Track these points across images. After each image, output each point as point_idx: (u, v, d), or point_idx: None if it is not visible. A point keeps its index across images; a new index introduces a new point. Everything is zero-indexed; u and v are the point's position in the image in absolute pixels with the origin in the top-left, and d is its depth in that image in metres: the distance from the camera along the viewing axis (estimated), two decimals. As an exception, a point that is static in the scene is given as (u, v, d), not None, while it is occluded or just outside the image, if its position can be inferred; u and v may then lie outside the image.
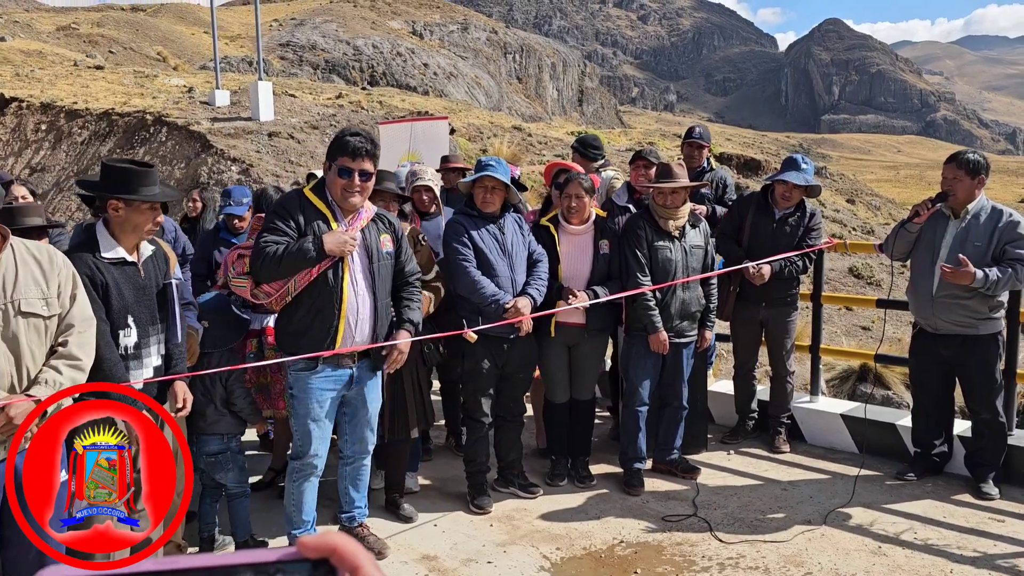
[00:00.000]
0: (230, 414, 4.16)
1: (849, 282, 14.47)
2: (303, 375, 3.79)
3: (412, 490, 4.89)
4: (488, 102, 55.33)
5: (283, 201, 3.82)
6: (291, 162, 15.80)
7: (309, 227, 3.67)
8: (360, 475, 4.16)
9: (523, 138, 21.08)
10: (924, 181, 78.14)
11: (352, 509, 4.19)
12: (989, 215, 4.62)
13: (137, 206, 3.31)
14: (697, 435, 5.50)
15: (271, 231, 3.68)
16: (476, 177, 4.56)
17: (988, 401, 4.72)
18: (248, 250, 3.82)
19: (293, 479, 3.97)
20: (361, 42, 59.26)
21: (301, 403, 3.83)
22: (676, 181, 4.83)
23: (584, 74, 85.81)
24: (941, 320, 4.71)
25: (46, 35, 43.29)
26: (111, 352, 3.26)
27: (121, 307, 3.32)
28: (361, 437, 4.08)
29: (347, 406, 4.00)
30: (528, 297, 4.51)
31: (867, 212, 25.79)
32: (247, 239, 5.56)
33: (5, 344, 2.83)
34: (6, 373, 2.83)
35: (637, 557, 4.16)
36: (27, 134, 18.77)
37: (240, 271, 3.81)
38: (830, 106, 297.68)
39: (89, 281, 3.22)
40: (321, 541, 0.60)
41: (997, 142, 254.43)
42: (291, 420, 3.95)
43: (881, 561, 4.04)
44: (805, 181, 5.35)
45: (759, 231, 5.42)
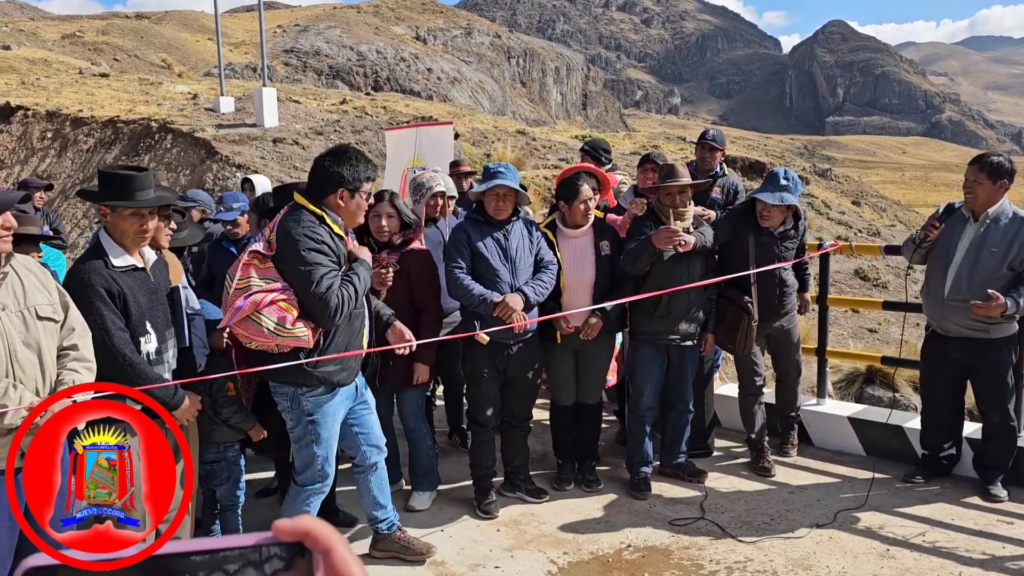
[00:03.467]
0: (224, 423, 4.09)
1: (855, 284, 14.43)
2: (324, 399, 3.70)
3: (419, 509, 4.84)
4: (492, 107, 55.42)
5: (313, 233, 3.53)
6: (295, 168, 15.82)
7: (336, 252, 3.59)
8: (383, 478, 4.11)
9: (527, 142, 21.09)
10: (929, 182, 77.94)
11: (387, 514, 4.12)
12: (1010, 220, 4.50)
13: (120, 211, 3.25)
14: (704, 439, 5.49)
15: (319, 265, 3.48)
16: (491, 185, 4.52)
17: (1000, 404, 4.69)
18: (279, 292, 3.50)
19: (309, 502, 3.86)
20: (365, 48, 59.41)
21: (325, 427, 3.74)
22: (681, 180, 4.82)
23: (588, 78, 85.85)
24: (952, 323, 4.68)
25: (51, 43, 43.47)
26: (137, 356, 3.25)
27: (139, 314, 3.29)
28: (375, 440, 4.05)
29: (353, 416, 3.95)
30: (520, 294, 4.45)
31: (872, 214, 25.74)
32: (255, 242, 5.50)
33: (29, 349, 2.88)
34: (32, 377, 2.87)
35: (645, 561, 4.15)
36: (33, 142, 18.84)
37: (293, 320, 3.48)
38: (834, 108, 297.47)
39: (107, 292, 3.19)
40: (296, 525, 0.63)
41: (1003, 143, 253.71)
42: (311, 446, 3.76)
43: (890, 564, 4.02)
44: (781, 200, 4.91)
45: (763, 252, 5.07)
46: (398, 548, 4.13)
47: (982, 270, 4.52)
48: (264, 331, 3.45)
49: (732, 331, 5.08)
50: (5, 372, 2.82)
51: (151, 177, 3.41)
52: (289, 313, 3.47)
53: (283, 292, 3.49)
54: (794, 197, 4.98)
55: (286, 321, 3.46)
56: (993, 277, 4.48)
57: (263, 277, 3.52)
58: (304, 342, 3.52)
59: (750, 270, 5.01)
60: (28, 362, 2.86)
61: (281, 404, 3.77)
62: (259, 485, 5.14)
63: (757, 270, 5.05)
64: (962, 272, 4.58)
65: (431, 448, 4.89)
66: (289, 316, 3.47)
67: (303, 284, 3.48)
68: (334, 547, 0.62)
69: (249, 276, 3.51)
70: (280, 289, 3.50)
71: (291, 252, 3.49)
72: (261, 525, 4.58)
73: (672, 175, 4.84)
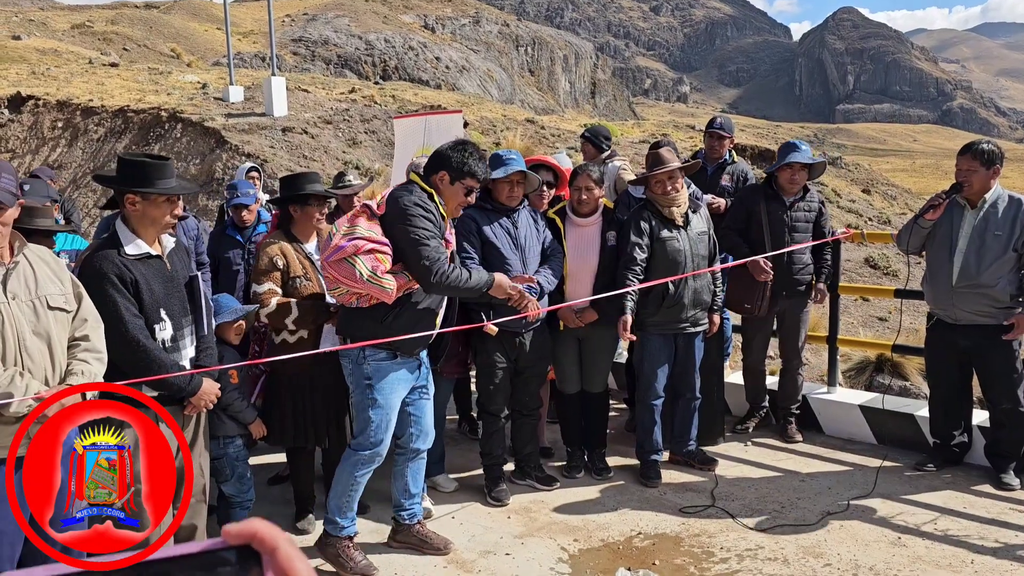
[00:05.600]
0: (227, 417, 4.05)
1: (865, 272, 14.36)
2: (385, 364, 3.80)
3: (446, 489, 4.90)
4: (501, 95, 55.30)
5: (424, 204, 3.74)
6: (305, 157, 15.84)
7: (437, 228, 3.74)
8: (420, 469, 4.12)
9: (536, 131, 21.04)
10: (940, 170, 77.48)
11: (413, 505, 4.12)
12: (1008, 204, 4.61)
13: (154, 199, 3.29)
14: (714, 426, 5.49)
15: (432, 238, 3.68)
16: (509, 171, 4.45)
17: (1009, 391, 4.68)
18: (380, 244, 3.66)
19: (358, 469, 3.88)
20: (373, 37, 59.32)
21: (383, 392, 3.81)
22: (667, 166, 4.81)
23: (596, 66, 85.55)
24: (961, 310, 4.68)
25: (61, 33, 43.57)
26: (151, 342, 3.26)
27: (153, 302, 3.31)
28: (427, 430, 4.06)
29: (412, 396, 3.99)
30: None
31: (883, 202, 25.60)
32: (265, 232, 5.52)
33: (39, 338, 2.90)
34: (41, 366, 2.90)
35: (655, 548, 4.15)
36: (44, 132, 18.90)
37: (384, 271, 3.63)
38: (845, 96, 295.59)
39: (119, 279, 3.21)
40: (244, 528, 0.64)
41: (1015, 130, 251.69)
42: (366, 411, 3.83)
43: (901, 552, 4.02)
44: (809, 159, 5.37)
45: (775, 220, 5.38)
46: (417, 541, 4.12)
47: (989, 254, 4.58)
48: (356, 274, 3.60)
49: (749, 290, 5.32)
50: (14, 360, 2.84)
51: (173, 165, 3.51)
52: (383, 264, 3.64)
53: (384, 246, 3.66)
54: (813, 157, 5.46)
55: (378, 270, 3.61)
56: (1001, 260, 4.56)
57: (370, 230, 3.68)
58: (388, 295, 3.64)
59: (764, 239, 5.35)
60: (37, 351, 2.88)
61: (345, 368, 3.91)
62: (272, 470, 5.17)
63: (770, 254, 5.23)
64: (969, 258, 4.62)
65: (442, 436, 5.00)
66: (381, 267, 3.63)
67: (412, 247, 3.65)
68: (278, 545, 0.64)
69: (356, 225, 3.70)
70: (382, 243, 3.66)
71: (401, 217, 3.68)
72: (269, 516, 4.60)
73: (658, 162, 4.82)
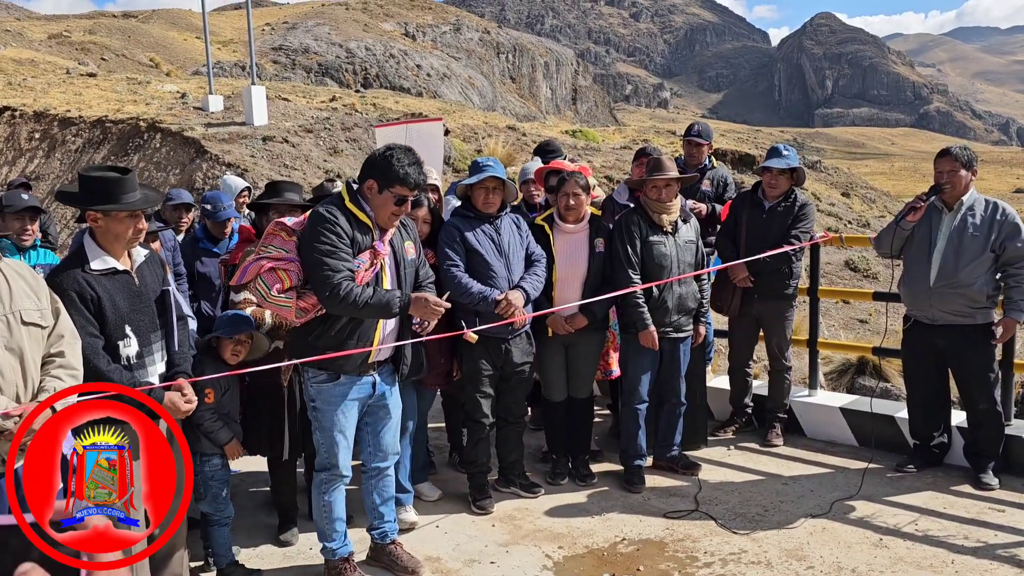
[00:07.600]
0: (202, 434, 3.97)
1: (845, 275, 14.48)
2: (326, 387, 3.73)
3: (430, 498, 4.88)
4: (482, 102, 55.35)
5: (334, 219, 3.60)
6: (286, 166, 15.79)
7: (356, 243, 3.62)
8: (387, 487, 4.07)
9: (517, 138, 21.07)
10: (918, 173, 78.24)
11: (383, 524, 4.08)
12: (985, 206, 4.69)
13: (115, 215, 3.22)
14: (697, 431, 5.51)
15: (333, 255, 3.53)
16: (482, 177, 4.51)
17: (986, 391, 4.74)
18: (280, 262, 3.58)
19: (322, 491, 3.87)
20: (354, 45, 59.25)
21: (325, 415, 3.76)
22: (667, 173, 4.85)
23: (577, 73, 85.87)
24: (939, 311, 4.73)
25: (38, 43, 43.22)
26: (108, 364, 3.18)
27: (117, 318, 3.23)
28: (385, 448, 4.00)
29: (369, 415, 3.93)
30: (520, 291, 4.46)
31: (862, 205, 25.84)
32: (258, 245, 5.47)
33: (11, 354, 2.83)
34: (12, 383, 2.83)
35: (640, 554, 4.16)
36: (21, 143, 18.74)
37: (281, 288, 3.55)
38: (823, 100, 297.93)
39: (78, 297, 3.14)
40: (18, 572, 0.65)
41: (990, 133, 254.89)
42: (316, 432, 3.83)
43: (883, 553, 4.05)
44: (786, 165, 5.43)
45: (752, 224, 5.50)
46: (387, 562, 4.06)
47: (967, 253, 4.64)
48: (261, 296, 3.60)
49: (723, 290, 5.63)
50: None
51: (135, 177, 3.39)
52: (281, 282, 3.57)
53: (290, 263, 3.60)
54: (795, 163, 5.52)
55: (274, 288, 3.56)
56: (979, 260, 4.62)
57: (281, 247, 3.64)
58: (289, 312, 3.60)
59: (744, 243, 5.50)
60: (8, 367, 2.81)
61: None
62: (257, 479, 5.14)
63: (746, 259, 5.34)
64: (948, 257, 4.68)
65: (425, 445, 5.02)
66: (279, 284, 3.56)
67: (311, 263, 3.56)
68: None
69: (269, 244, 3.67)
70: (288, 259, 3.60)
71: (308, 232, 3.61)
72: (251, 529, 4.58)
73: (659, 168, 4.88)
